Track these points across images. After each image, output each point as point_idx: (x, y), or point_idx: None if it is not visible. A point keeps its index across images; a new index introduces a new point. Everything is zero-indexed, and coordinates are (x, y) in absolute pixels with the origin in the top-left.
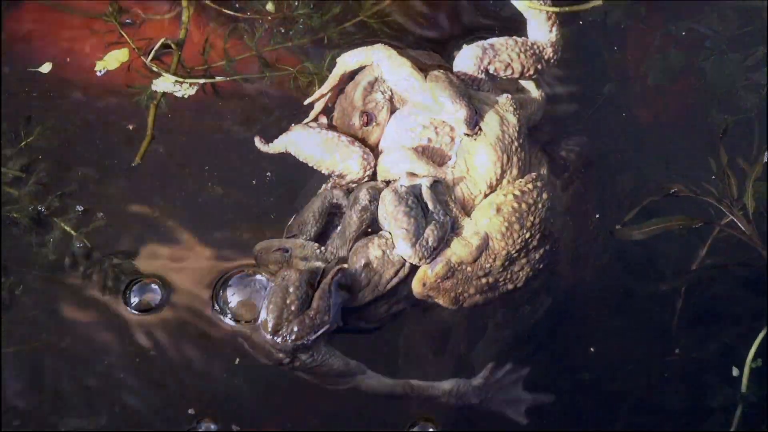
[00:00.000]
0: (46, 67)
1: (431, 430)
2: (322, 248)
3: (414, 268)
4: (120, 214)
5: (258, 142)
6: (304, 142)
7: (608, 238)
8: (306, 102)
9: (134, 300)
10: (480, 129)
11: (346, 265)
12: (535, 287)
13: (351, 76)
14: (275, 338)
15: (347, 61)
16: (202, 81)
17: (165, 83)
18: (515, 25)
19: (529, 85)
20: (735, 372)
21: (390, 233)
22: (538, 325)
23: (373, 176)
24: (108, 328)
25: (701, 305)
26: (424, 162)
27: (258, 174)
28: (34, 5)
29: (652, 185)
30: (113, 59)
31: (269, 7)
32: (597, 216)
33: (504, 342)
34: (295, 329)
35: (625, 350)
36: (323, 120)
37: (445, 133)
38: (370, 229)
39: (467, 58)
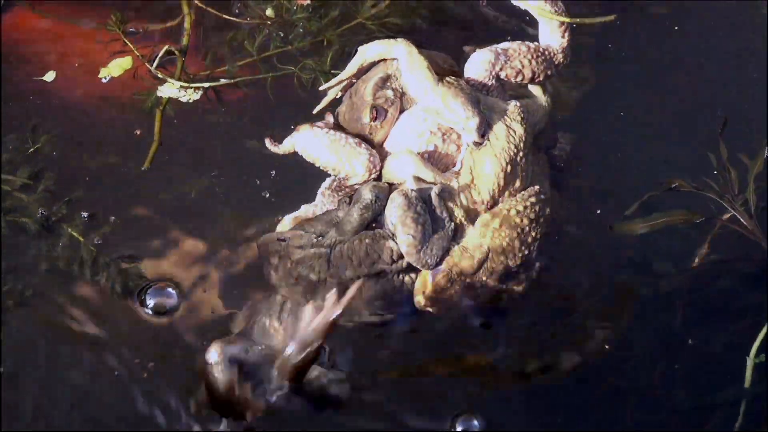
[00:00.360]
0: (50, 76)
1: (476, 422)
2: (320, 238)
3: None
4: (128, 220)
5: (268, 143)
6: (311, 143)
7: (608, 234)
8: (321, 88)
9: (150, 302)
10: (488, 138)
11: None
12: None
13: (367, 69)
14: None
15: (368, 51)
16: (206, 85)
17: (170, 89)
18: (514, 28)
19: (535, 90)
20: (750, 362)
21: (395, 236)
22: (539, 322)
23: (378, 178)
24: (118, 331)
25: (704, 301)
26: (430, 168)
27: (263, 175)
28: (38, 16)
29: (653, 180)
30: (117, 66)
31: (269, 12)
32: (598, 212)
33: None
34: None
35: (629, 346)
36: (329, 119)
37: (451, 141)
38: (374, 224)
39: (479, 63)
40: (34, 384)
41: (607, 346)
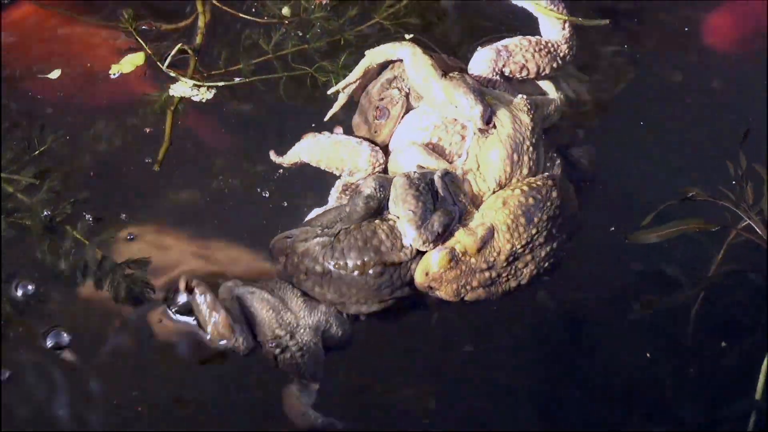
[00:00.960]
0: (55, 74)
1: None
2: (326, 229)
3: (419, 253)
4: (135, 221)
5: (273, 156)
6: (314, 148)
7: (624, 243)
8: (330, 91)
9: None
10: (493, 126)
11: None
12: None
13: (378, 71)
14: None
15: (375, 54)
16: (220, 84)
17: (183, 87)
18: (532, 24)
19: (547, 87)
20: (762, 373)
21: (397, 216)
22: (551, 330)
23: (384, 172)
24: (122, 333)
25: (717, 311)
26: (434, 158)
27: (272, 175)
28: (45, 11)
29: (669, 189)
30: (128, 63)
31: (285, 11)
32: (613, 221)
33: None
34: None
35: (640, 357)
36: (338, 130)
37: (455, 132)
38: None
39: (482, 62)
40: (35, 386)
41: (648, 354)
